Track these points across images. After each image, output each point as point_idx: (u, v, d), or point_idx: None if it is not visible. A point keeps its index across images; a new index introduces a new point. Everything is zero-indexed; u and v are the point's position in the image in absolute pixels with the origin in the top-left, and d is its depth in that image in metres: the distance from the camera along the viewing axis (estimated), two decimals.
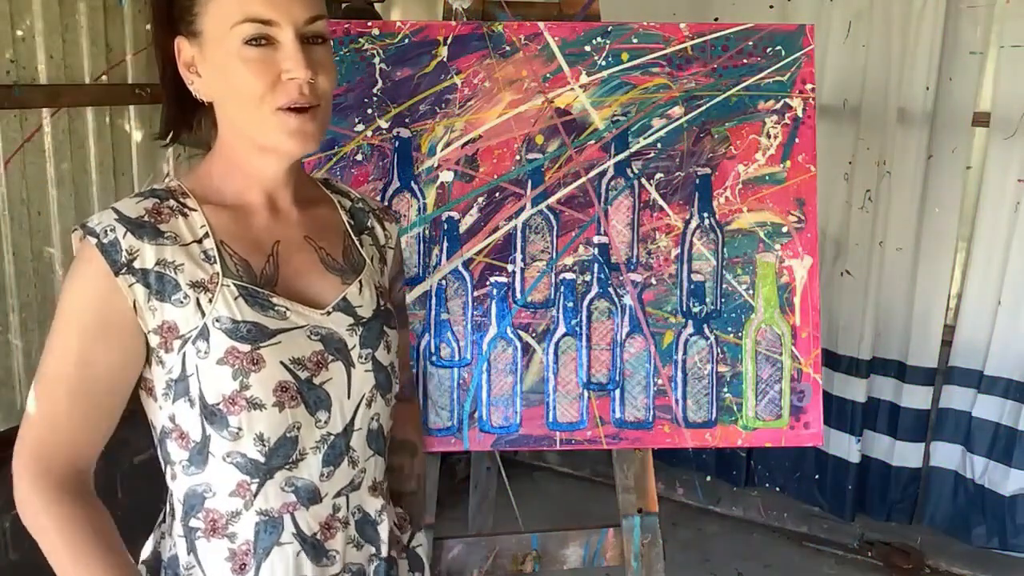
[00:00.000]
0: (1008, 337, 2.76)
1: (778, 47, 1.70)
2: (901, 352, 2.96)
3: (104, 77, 2.30)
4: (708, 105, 1.70)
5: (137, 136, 2.42)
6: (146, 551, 1.08)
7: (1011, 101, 2.67)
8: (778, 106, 1.71)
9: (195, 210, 1.00)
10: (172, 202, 0.99)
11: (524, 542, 1.72)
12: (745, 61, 1.70)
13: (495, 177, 1.66)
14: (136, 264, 0.94)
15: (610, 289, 1.68)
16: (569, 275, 1.67)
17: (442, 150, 1.65)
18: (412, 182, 1.64)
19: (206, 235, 0.99)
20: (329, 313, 1.03)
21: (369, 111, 1.63)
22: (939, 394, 2.94)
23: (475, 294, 1.65)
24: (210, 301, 0.96)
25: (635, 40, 1.69)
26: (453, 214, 1.65)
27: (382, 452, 1.11)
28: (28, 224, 2.16)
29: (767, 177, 1.71)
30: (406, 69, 1.64)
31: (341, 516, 1.05)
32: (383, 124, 1.64)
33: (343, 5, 2.67)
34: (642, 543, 1.72)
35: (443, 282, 1.64)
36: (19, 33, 2.09)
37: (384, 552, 1.10)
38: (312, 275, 1.05)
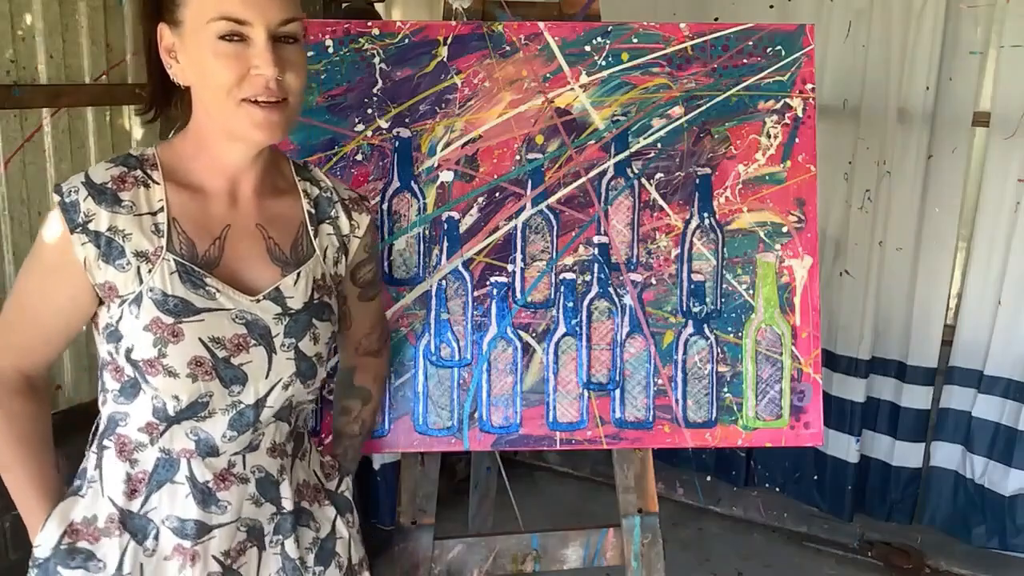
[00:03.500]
0: (1008, 337, 2.76)
1: (778, 47, 1.70)
2: (901, 352, 2.96)
3: (104, 77, 2.30)
4: (708, 105, 1.70)
5: (137, 136, 2.42)
6: None
7: (1011, 101, 2.67)
8: (778, 106, 1.71)
9: (158, 184, 1.08)
10: (139, 172, 1.08)
11: (524, 542, 1.72)
12: (745, 61, 1.70)
13: (495, 177, 1.66)
14: (91, 226, 1.04)
15: (610, 289, 1.68)
16: (569, 275, 1.67)
17: (442, 150, 1.65)
18: (412, 182, 1.64)
19: (161, 209, 1.07)
20: (259, 300, 1.10)
21: (369, 111, 1.63)
22: (939, 394, 2.94)
23: (475, 294, 1.65)
24: (149, 271, 1.05)
25: (635, 40, 1.69)
26: (453, 214, 1.65)
27: (286, 419, 1.18)
28: (28, 224, 2.16)
29: (767, 177, 1.71)
30: (406, 69, 1.64)
31: (237, 472, 1.14)
32: (383, 124, 1.64)
33: (343, 5, 2.67)
34: (642, 543, 1.72)
35: (443, 282, 1.64)
36: (19, 33, 2.09)
37: (288, 507, 1.19)
38: (254, 262, 1.12)
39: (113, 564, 1.10)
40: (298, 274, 1.14)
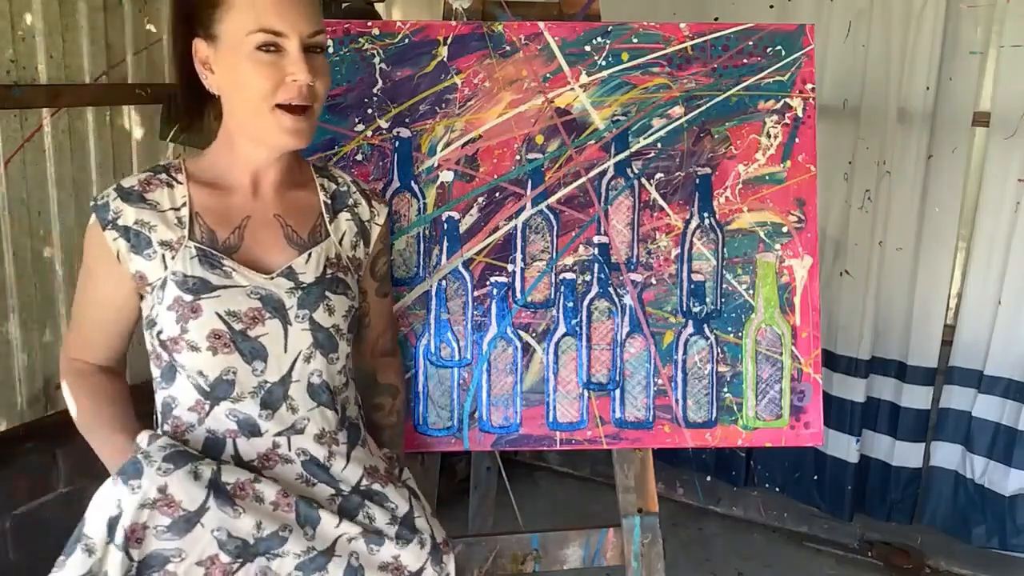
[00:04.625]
0: (1008, 337, 2.76)
1: (778, 47, 1.70)
2: (901, 352, 2.95)
3: (104, 77, 2.30)
4: (708, 105, 1.70)
5: (137, 135, 2.42)
6: None
7: (1011, 101, 2.67)
8: (778, 106, 1.71)
9: (181, 184, 1.21)
10: (164, 175, 1.21)
11: (524, 542, 1.72)
12: (745, 61, 1.70)
13: (495, 177, 1.66)
14: (119, 222, 1.17)
15: (610, 289, 1.68)
16: (569, 275, 1.67)
17: (442, 150, 1.65)
18: (412, 182, 1.64)
19: (184, 205, 1.19)
20: (273, 278, 1.20)
21: (369, 111, 1.63)
22: (939, 394, 2.94)
23: (475, 294, 1.65)
24: (173, 258, 1.17)
25: (635, 40, 1.69)
26: (453, 214, 1.65)
27: (331, 406, 1.25)
28: (28, 224, 2.16)
29: (767, 177, 1.71)
30: (406, 69, 1.64)
31: (282, 452, 1.21)
32: (383, 124, 1.64)
33: (343, 5, 2.67)
34: (642, 543, 1.72)
35: (443, 282, 1.64)
36: (19, 33, 2.09)
37: (346, 489, 1.25)
38: (273, 247, 1.23)
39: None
40: (310, 254, 1.24)
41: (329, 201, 1.31)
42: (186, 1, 1.18)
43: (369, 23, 1.64)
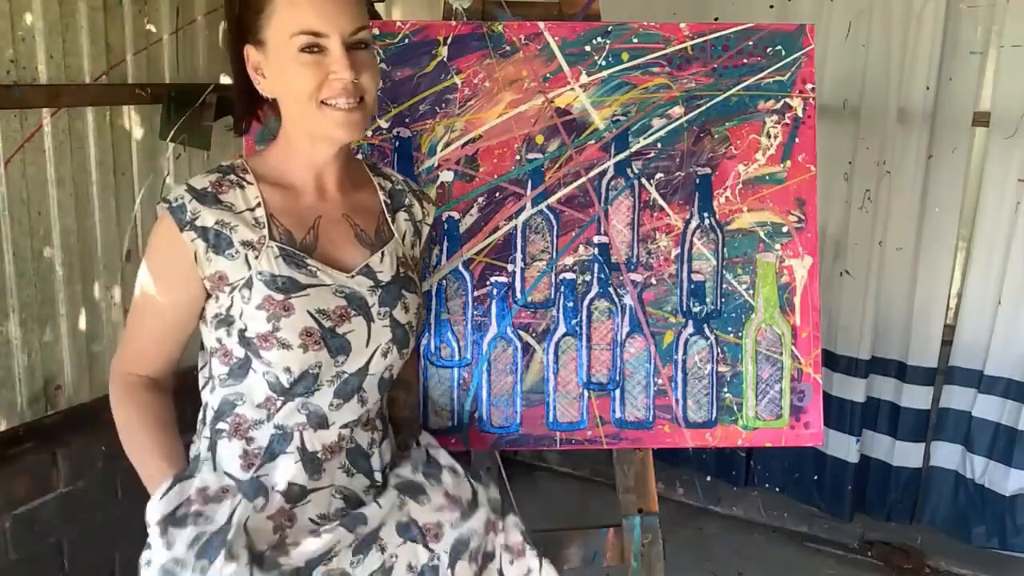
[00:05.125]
0: (1008, 337, 2.76)
1: (778, 47, 1.70)
2: (901, 352, 2.96)
3: (104, 77, 2.29)
4: (708, 105, 1.70)
5: (137, 135, 2.42)
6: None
7: (1011, 101, 2.67)
8: (778, 106, 1.71)
9: (252, 184, 1.22)
10: (233, 176, 1.22)
11: None
12: (745, 61, 1.70)
13: (495, 177, 1.66)
14: (198, 223, 1.17)
15: (610, 289, 1.68)
16: (569, 275, 1.67)
17: (442, 150, 1.65)
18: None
19: (258, 205, 1.21)
20: (353, 276, 1.24)
21: None
22: (939, 394, 2.94)
23: (475, 294, 1.65)
24: (256, 258, 1.18)
25: (635, 40, 1.69)
26: (453, 214, 1.65)
27: (382, 393, 1.31)
28: (28, 224, 2.16)
29: (767, 177, 1.71)
30: (406, 69, 1.64)
31: (344, 444, 1.26)
32: (383, 124, 1.64)
33: None
34: (642, 543, 1.72)
35: (443, 282, 1.64)
36: (19, 33, 2.09)
37: (379, 479, 1.31)
38: (346, 246, 1.26)
39: (223, 518, 1.18)
40: (383, 253, 1.28)
41: (388, 200, 1.35)
42: (235, 9, 1.21)
43: (369, 23, 1.64)
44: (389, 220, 1.33)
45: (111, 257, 2.37)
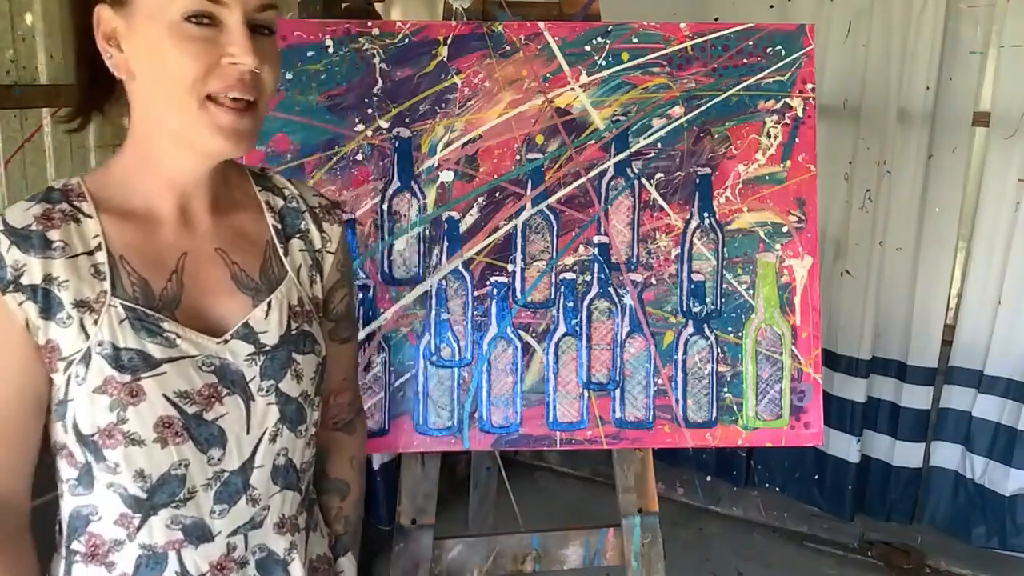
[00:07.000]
0: (1008, 337, 2.76)
1: (778, 47, 1.70)
2: (901, 352, 2.96)
3: None
4: (708, 105, 1.70)
5: None
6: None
7: (1011, 101, 2.67)
8: (778, 106, 1.71)
9: (90, 216, 0.89)
10: (64, 205, 0.89)
11: (524, 542, 1.72)
12: (745, 61, 1.70)
13: (495, 177, 1.66)
14: (23, 280, 0.85)
15: (610, 289, 1.68)
16: (569, 275, 1.67)
17: (442, 150, 1.65)
18: (412, 182, 1.64)
19: (99, 247, 0.89)
20: (227, 341, 0.93)
21: (369, 111, 1.63)
22: (939, 394, 2.94)
23: (475, 294, 1.65)
24: (95, 323, 0.87)
25: (635, 40, 1.69)
26: (453, 214, 1.65)
27: (294, 487, 1.01)
28: None
29: (767, 177, 1.71)
30: (406, 69, 1.64)
31: (237, 556, 0.96)
32: (383, 124, 1.64)
33: (343, 5, 2.67)
34: (642, 543, 1.72)
35: (443, 282, 1.64)
36: (19, 33, 2.09)
37: None
38: (220, 294, 0.94)
39: None
40: (269, 303, 0.96)
41: (279, 225, 1.01)
42: None
43: (369, 23, 1.64)
44: (280, 252, 1.00)
45: None
